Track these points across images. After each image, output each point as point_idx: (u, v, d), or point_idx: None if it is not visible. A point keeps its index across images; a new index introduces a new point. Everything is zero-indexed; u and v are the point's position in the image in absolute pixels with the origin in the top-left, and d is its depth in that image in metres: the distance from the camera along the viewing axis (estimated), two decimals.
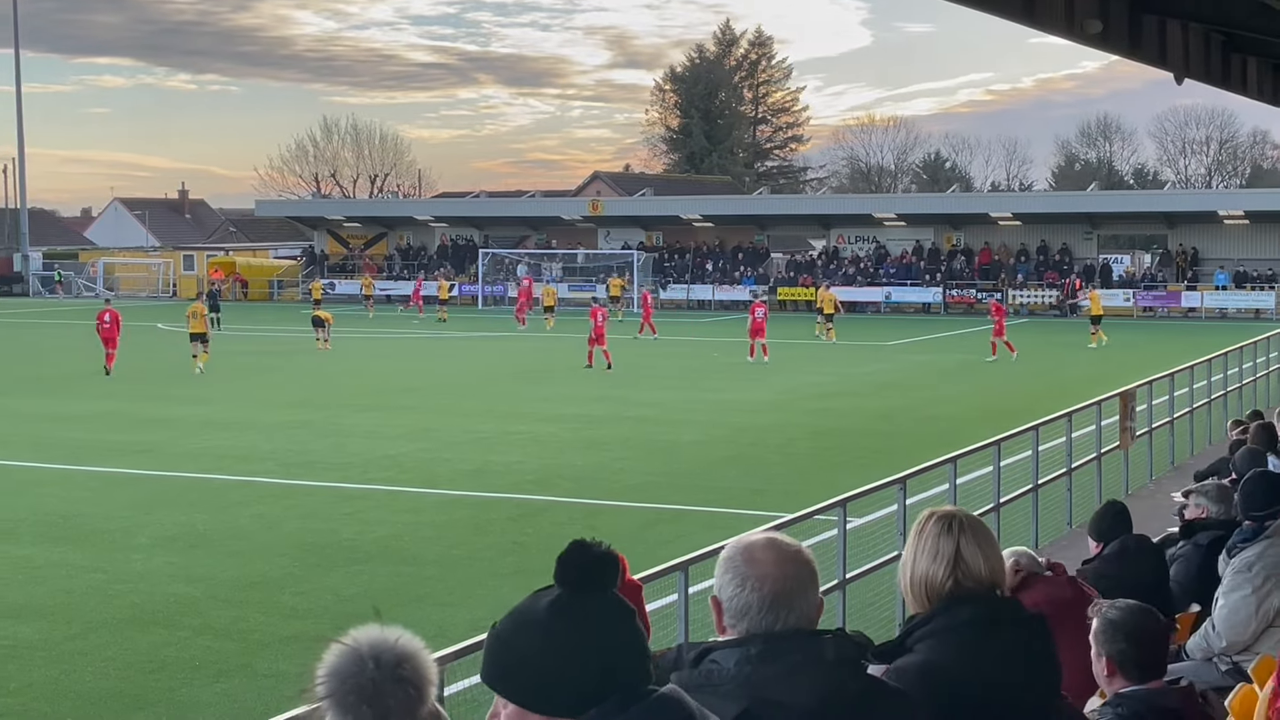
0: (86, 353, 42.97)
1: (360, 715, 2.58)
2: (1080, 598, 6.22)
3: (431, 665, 2.65)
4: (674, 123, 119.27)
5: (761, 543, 3.04)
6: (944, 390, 32.17)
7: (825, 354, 42.13)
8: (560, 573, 2.67)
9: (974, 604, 3.40)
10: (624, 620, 2.64)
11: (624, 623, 2.63)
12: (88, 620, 12.93)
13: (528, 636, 2.59)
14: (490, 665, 2.64)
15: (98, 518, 17.52)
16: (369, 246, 78.96)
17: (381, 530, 16.79)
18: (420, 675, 2.63)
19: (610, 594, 2.64)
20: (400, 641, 2.61)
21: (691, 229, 72.25)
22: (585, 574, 2.65)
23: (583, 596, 2.61)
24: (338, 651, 2.58)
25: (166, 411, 27.93)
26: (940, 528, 3.49)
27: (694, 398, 30.50)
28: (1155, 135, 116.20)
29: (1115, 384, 22.12)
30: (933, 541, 3.47)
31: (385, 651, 2.59)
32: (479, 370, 37.55)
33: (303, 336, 47.61)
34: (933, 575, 3.44)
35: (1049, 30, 11.61)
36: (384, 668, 2.58)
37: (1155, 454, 20.28)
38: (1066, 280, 61.62)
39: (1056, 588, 6.30)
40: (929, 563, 3.45)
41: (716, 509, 17.92)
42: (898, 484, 12.03)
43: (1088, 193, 71.24)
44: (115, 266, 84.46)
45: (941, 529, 3.48)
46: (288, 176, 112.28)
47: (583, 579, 2.64)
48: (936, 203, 72.05)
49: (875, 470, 17.75)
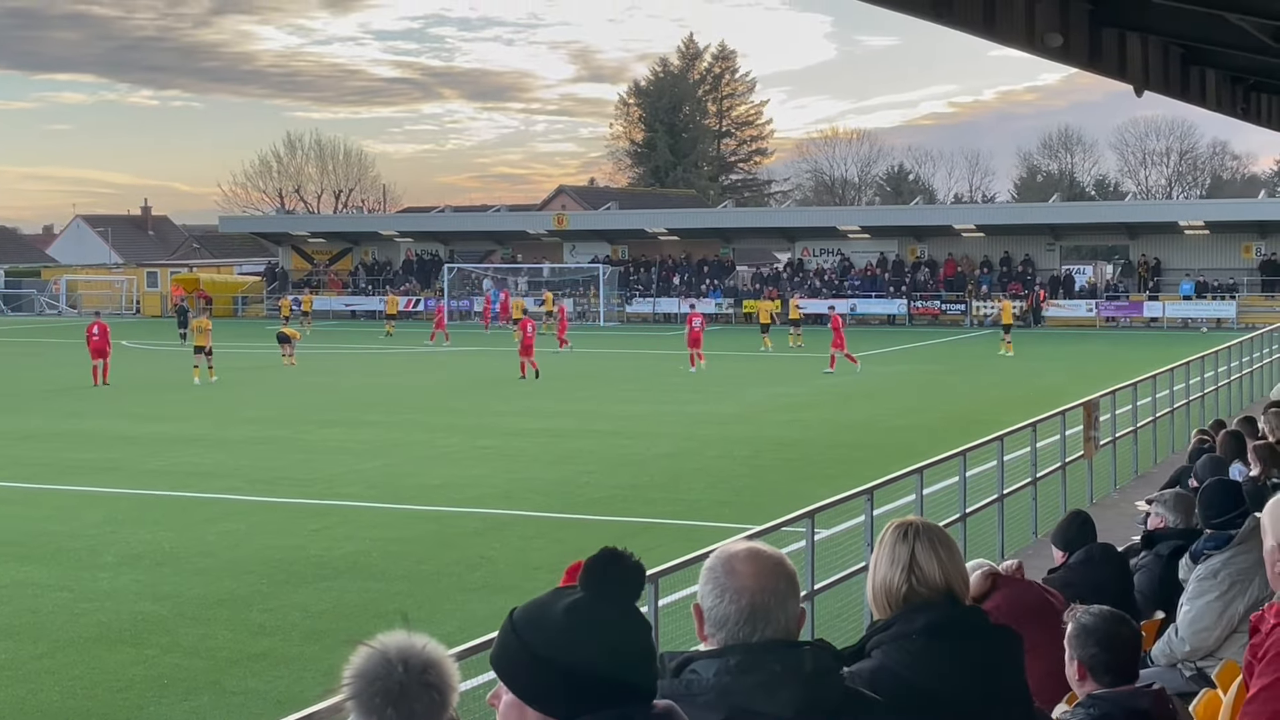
0: (49, 370, 42.72)
1: (385, 718, 2.61)
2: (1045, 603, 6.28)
3: (456, 673, 2.68)
4: (638, 136, 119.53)
5: (743, 554, 3.07)
6: (910, 401, 32.30)
7: (791, 366, 42.24)
8: (586, 577, 2.69)
9: (930, 611, 3.45)
10: (638, 632, 2.67)
11: (637, 635, 2.67)
12: (54, 639, 12.85)
13: (539, 633, 2.63)
14: (498, 652, 2.68)
15: (63, 536, 17.41)
16: (334, 262, 78.77)
17: (348, 546, 16.75)
18: (445, 681, 2.66)
19: (629, 605, 2.67)
20: (427, 648, 2.64)
21: (657, 242, 72.38)
22: (610, 581, 2.67)
23: (603, 604, 2.64)
24: (365, 654, 2.61)
25: (131, 429, 27.78)
26: (897, 535, 3.55)
27: (661, 410, 30.54)
28: (1116, 147, 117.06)
29: (1079, 394, 22.27)
30: (890, 548, 3.53)
31: (413, 656, 2.62)
32: (444, 385, 37.48)
33: (267, 353, 47.41)
34: (890, 581, 3.50)
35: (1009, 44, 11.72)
36: (411, 672, 2.61)
37: (1119, 463, 20.41)
38: (1030, 293, 61.97)
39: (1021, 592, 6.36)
40: (887, 568, 3.51)
41: (685, 521, 17.95)
42: (864, 495, 12.08)
43: (1050, 204, 71.75)
44: (78, 284, 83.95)
45: (898, 536, 3.54)
46: (251, 192, 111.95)
47: (606, 586, 2.67)
48: (900, 215, 72.42)
49: (843, 481, 17.81)
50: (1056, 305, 61.78)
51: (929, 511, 13.33)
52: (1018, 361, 43.64)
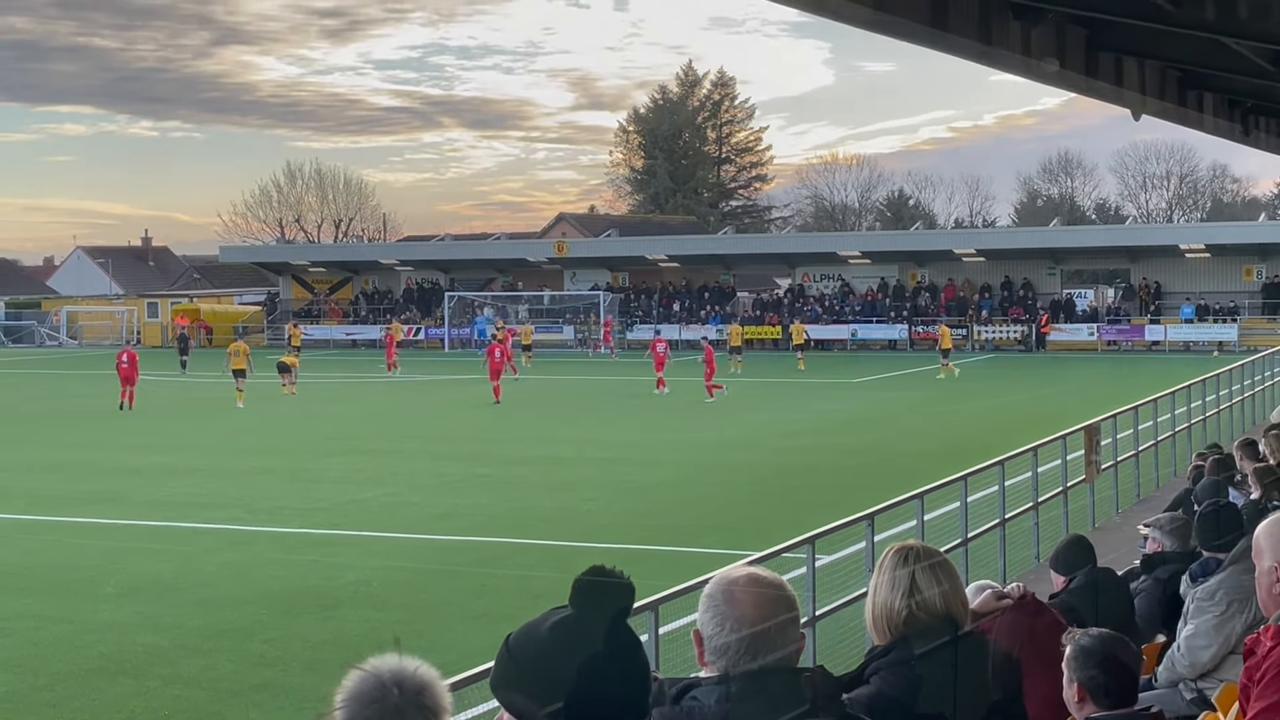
0: (50, 403, 42.76)
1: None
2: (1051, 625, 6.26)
3: (448, 695, 2.70)
4: (638, 164, 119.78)
5: (743, 580, 3.09)
6: (911, 426, 32.31)
7: (792, 392, 42.27)
8: (573, 594, 2.71)
9: (929, 636, 3.46)
10: (627, 650, 2.68)
11: (626, 652, 2.68)
12: (55, 671, 12.84)
13: (527, 652, 2.65)
14: (495, 674, 2.74)
15: (63, 568, 17.41)
16: (334, 291, 78.88)
17: (349, 576, 16.74)
18: (439, 704, 2.68)
19: (617, 622, 2.68)
20: (419, 670, 2.65)
21: (658, 269, 72.48)
22: (594, 598, 2.69)
23: (588, 621, 2.65)
24: (359, 678, 2.62)
25: (131, 460, 27.79)
26: (897, 559, 3.56)
27: (662, 438, 30.55)
28: (1116, 170, 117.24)
29: (1080, 418, 22.25)
30: (890, 573, 3.54)
31: (407, 680, 2.63)
32: (444, 413, 37.49)
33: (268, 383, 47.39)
34: (890, 605, 3.50)
35: (1006, 69, 11.77)
36: (406, 695, 2.62)
37: (1120, 487, 20.42)
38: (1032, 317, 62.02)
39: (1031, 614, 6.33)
40: (887, 593, 3.51)
41: (687, 548, 17.95)
42: (865, 520, 12.08)
43: (1050, 228, 71.82)
44: (79, 315, 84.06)
45: (898, 560, 3.55)
46: (252, 222, 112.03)
47: (590, 603, 2.68)
48: (900, 240, 72.51)
49: (844, 507, 17.77)
50: (1058, 329, 61.81)
51: (930, 537, 13.33)
52: (1020, 386, 43.65)
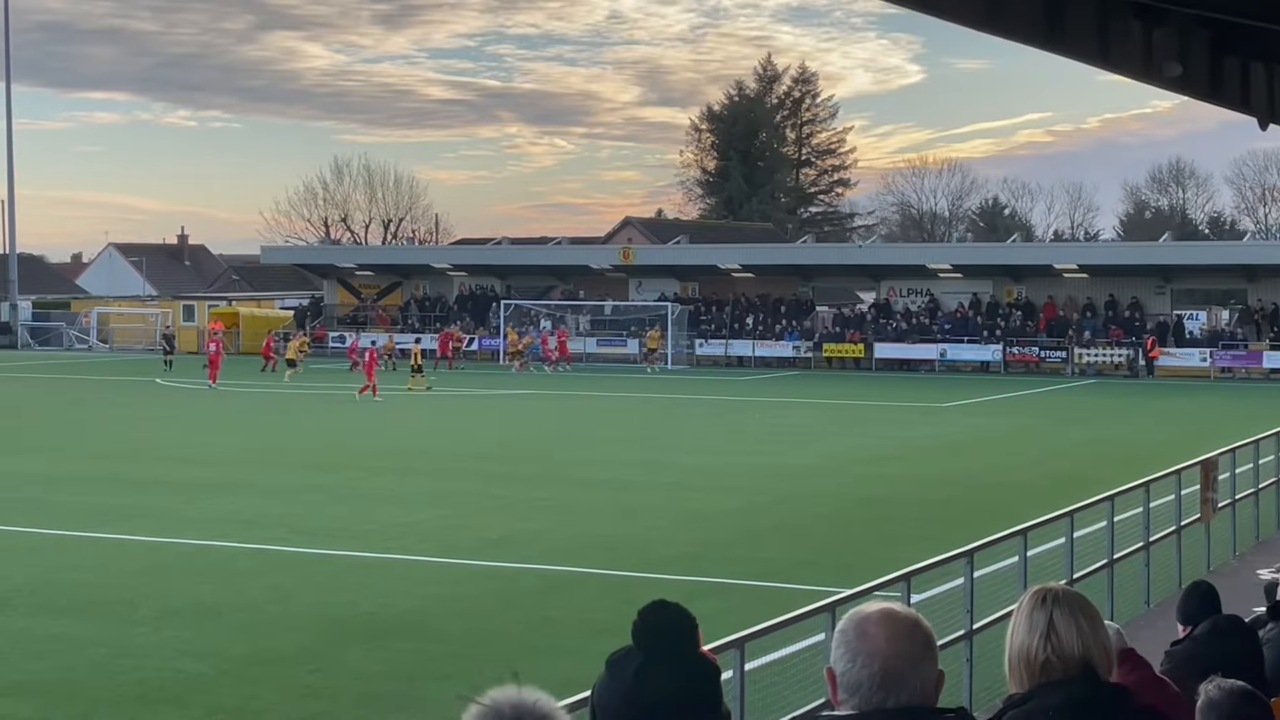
0: (81, 410, 43.41)
1: None
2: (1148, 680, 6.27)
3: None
4: (711, 165, 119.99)
5: (875, 616, 3.18)
6: (1005, 456, 32.20)
7: (874, 416, 42.20)
8: (636, 637, 2.83)
9: (1070, 687, 3.50)
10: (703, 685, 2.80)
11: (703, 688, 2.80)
12: (91, 698, 13.08)
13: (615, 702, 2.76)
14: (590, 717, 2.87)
15: (98, 588, 17.71)
16: (382, 297, 79.46)
17: (403, 603, 16.92)
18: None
19: (689, 658, 2.81)
20: (539, 703, 2.75)
21: (730, 280, 72.52)
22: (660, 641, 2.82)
23: (663, 663, 2.78)
24: (478, 713, 2.71)
25: (168, 474, 28.17)
26: (1035, 600, 3.61)
27: (733, 461, 30.61)
28: (1233, 181, 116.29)
29: (1192, 451, 22.15)
30: (1028, 615, 3.59)
31: (527, 713, 2.72)
32: (501, 430, 37.73)
33: (309, 393, 48.03)
34: (1027, 647, 3.55)
35: (1125, 73, 11.80)
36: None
37: (1239, 528, 20.28)
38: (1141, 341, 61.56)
39: (1121, 671, 6.35)
40: (1025, 635, 3.56)
41: (762, 582, 17.99)
42: (964, 557, 12.10)
43: (1160, 243, 71.26)
44: (110, 317, 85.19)
45: (1036, 602, 3.61)
46: (295, 221, 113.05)
47: (657, 647, 2.81)
48: (995, 253, 72.18)
49: (933, 542, 17.82)
50: (1167, 354, 61.31)
51: (1032, 576, 13.31)
52: (1123, 415, 43.37)
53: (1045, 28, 9.92)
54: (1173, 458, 22.09)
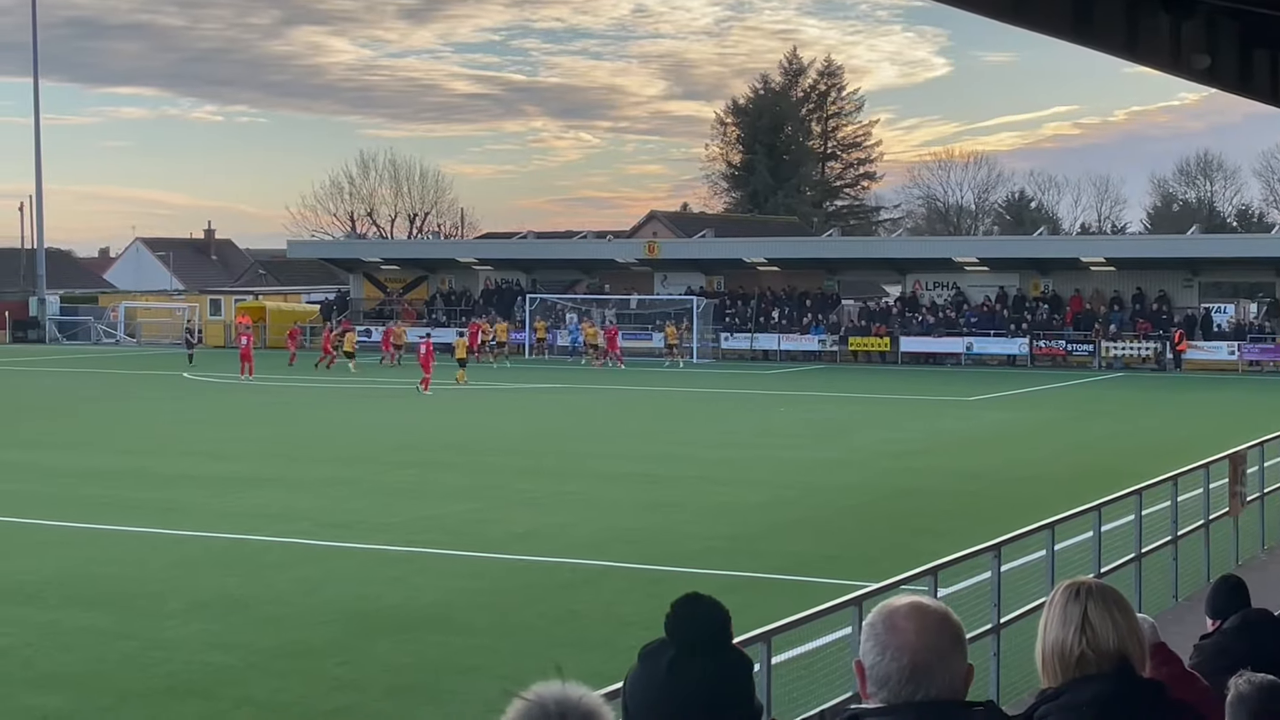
0: (109, 404, 43.63)
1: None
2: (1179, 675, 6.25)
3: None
4: (736, 158, 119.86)
5: (905, 609, 3.19)
6: (1032, 450, 32.12)
7: (900, 409, 42.14)
8: (669, 629, 2.86)
9: (1104, 682, 3.49)
10: (736, 680, 2.83)
11: (736, 683, 2.83)
12: (121, 690, 13.16)
13: (647, 694, 2.77)
14: (622, 710, 2.90)
15: (127, 580, 17.81)
16: (408, 291, 79.61)
17: (429, 596, 16.97)
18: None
19: (723, 652, 2.83)
20: (584, 699, 2.76)
21: (755, 273, 72.47)
22: (693, 634, 2.84)
23: (697, 657, 2.80)
24: (523, 708, 2.72)
25: (195, 468, 28.28)
26: (1069, 594, 3.60)
27: (759, 455, 30.60)
28: (1261, 174, 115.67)
29: (1220, 445, 22.06)
30: (1061, 609, 3.57)
31: (571, 709, 2.73)
32: (527, 424, 37.78)
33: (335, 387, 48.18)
34: (1062, 641, 3.53)
35: (1152, 65, 11.77)
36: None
37: (1267, 522, 20.20)
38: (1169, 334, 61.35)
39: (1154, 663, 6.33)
40: (1058, 629, 3.55)
41: (788, 576, 18.00)
42: (991, 551, 12.08)
43: (1188, 236, 71.01)
44: (137, 311, 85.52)
45: (1069, 596, 3.59)
46: (321, 215, 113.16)
47: (690, 640, 2.83)
48: (1022, 246, 72.02)
49: (961, 536, 17.80)
50: (1194, 347, 61.08)
51: (1059, 571, 13.29)
52: (1151, 409, 43.23)
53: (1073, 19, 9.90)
54: (1200, 451, 22.00)
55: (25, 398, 46.01)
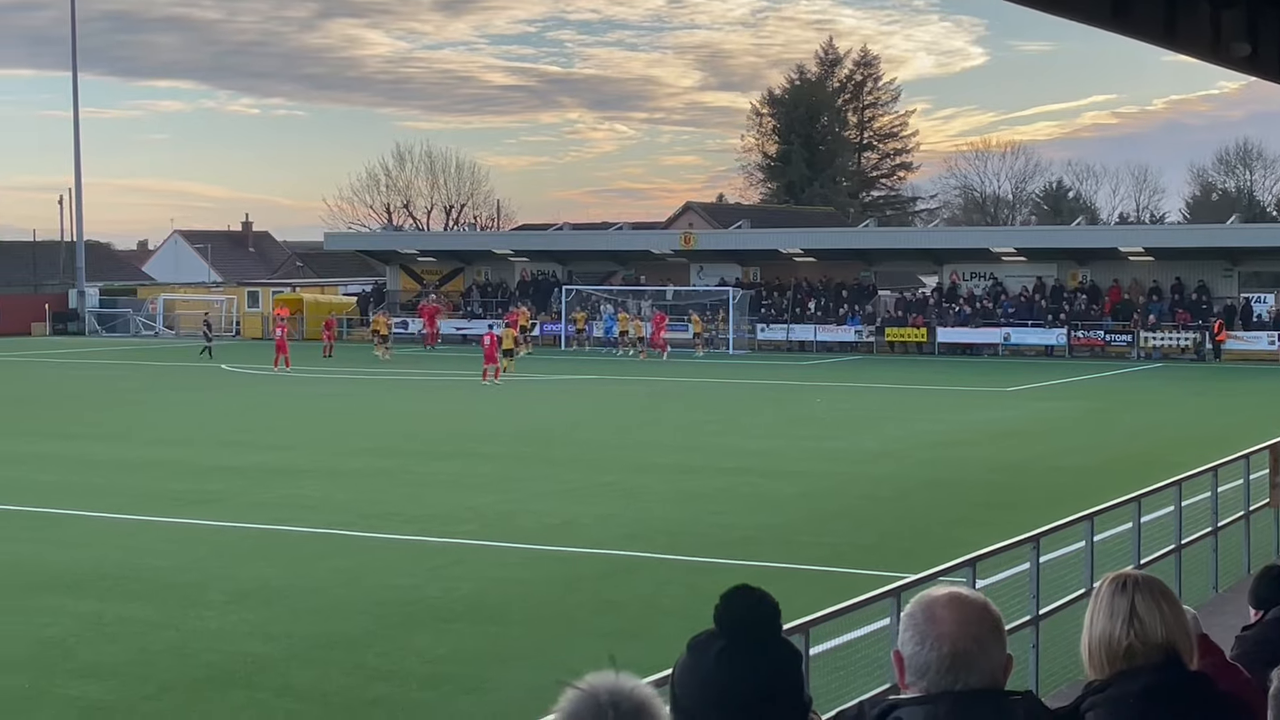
0: (149, 396, 43.88)
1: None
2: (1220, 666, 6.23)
3: (665, 715, 2.83)
4: (772, 149, 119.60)
5: (944, 599, 3.19)
6: (1070, 440, 31.99)
7: (937, 400, 42.03)
8: (719, 620, 2.87)
9: (1151, 674, 3.48)
10: (786, 671, 2.84)
11: (786, 674, 2.84)
12: (163, 680, 13.25)
13: (696, 684, 2.79)
14: (670, 699, 2.92)
15: (167, 571, 17.93)
16: (444, 282, 79.76)
17: (466, 587, 17.03)
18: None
19: (772, 644, 2.84)
20: (637, 690, 2.78)
21: (792, 264, 72.32)
22: (743, 625, 2.85)
23: (746, 647, 2.81)
24: (575, 698, 2.75)
25: (234, 459, 28.44)
26: (1115, 587, 3.60)
27: (797, 446, 30.58)
28: None
29: (1260, 435, 21.94)
30: (1108, 601, 3.57)
31: (624, 700, 2.75)
32: (563, 414, 37.83)
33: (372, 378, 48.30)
34: (1110, 634, 3.52)
35: (1191, 53, 11.71)
36: (624, 715, 2.74)
37: None
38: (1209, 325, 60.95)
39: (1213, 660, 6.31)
40: (1105, 621, 3.54)
41: (826, 567, 17.99)
42: (1030, 542, 12.05)
43: (1227, 225, 70.45)
44: (176, 303, 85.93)
45: (1116, 588, 3.59)
46: (357, 207, 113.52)
47: (740, 631, 2.85)
48: (1059, 236, 71.64)
49: (999, 527, 17.76)
50: (1234, 337, 60.68)
51: (1099, 562, 13.25)
52: (1191, 400, 43.00)
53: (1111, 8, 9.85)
54: (1240, 442, 21.87)
55: (66, 389, 46.31)
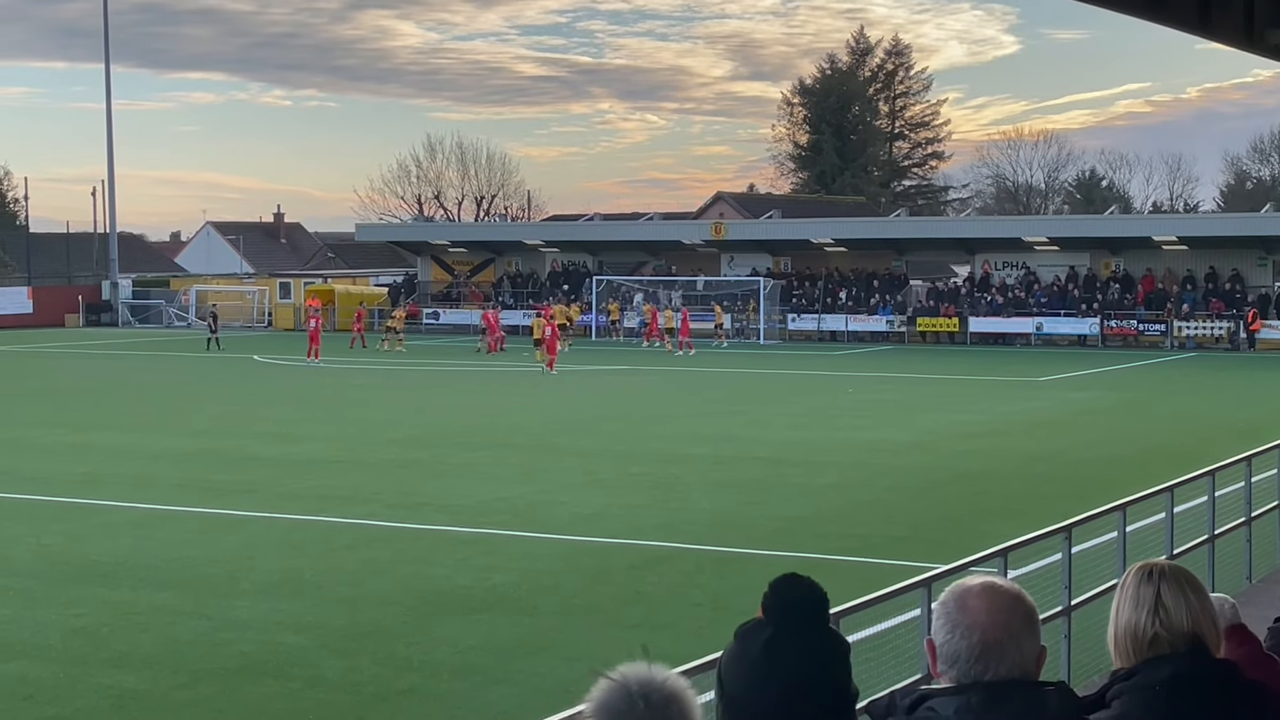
0: (180, 387, 44.10)
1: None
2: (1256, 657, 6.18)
3: (697, 707, 2.83)
4: (803, 139, 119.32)
5: (976, 589, 3.19)
6: (1103, 431, 31.84)
7: (969, 390, 41.92)
8: (767, 609, 2.86)
9: (1177, 662, 3.46)
10: (834, 661, 2.84)
11: (834, 664, 2.84)
12: (195, 670, 13.32)
13: (744, 673, 2.79)
14: (717, 687, 2.95)
15: (200, 561, 18.01)
16: (475, 273, 79.86)
17: (497, 577, 17.06)
18: (687, 716, 2.80)
19: (821, 633, 2.84)
20: (668, 681, 2.78)
21: (823, 254, 72.19)
22: (790, 615, 2.85)
23: (795, 637, 2.80)
24: (607, 687, 2.75)
25: (265, 449, 28.55)
26: (1141, 576, 3.58)
27: (828, 436, 30.53)
28: None
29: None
30: (1134, 590, 3.55)
31: (654, 690, 2.75)
32: (594, 406, 37.85)
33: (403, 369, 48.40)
34: (1135, 623, 3.51)
35: (1225, 41, 11.62)
36: (654, 707, 2.74)
37: None
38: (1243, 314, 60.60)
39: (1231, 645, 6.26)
40: (1131, 610, 3.53)
41: (858, 558, 17.95)
42: (1062, 533, 12.00)
43: (1262, 214, 69.86)
44: (208, 294, 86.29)
45: (1142, 577, 3.57)
46: (389, 198, 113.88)
47: (788, 620, 2.84)
48: (1092, 225, 71.31)
49: (1031, 518, 17.72)
50: (1269, 326, 60.31)
51: (1131, 552, 13.19)
52: (1225, 390, 42.76)
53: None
54: (1275, 432, 21.77)
55: (99, 381, 46.55)
